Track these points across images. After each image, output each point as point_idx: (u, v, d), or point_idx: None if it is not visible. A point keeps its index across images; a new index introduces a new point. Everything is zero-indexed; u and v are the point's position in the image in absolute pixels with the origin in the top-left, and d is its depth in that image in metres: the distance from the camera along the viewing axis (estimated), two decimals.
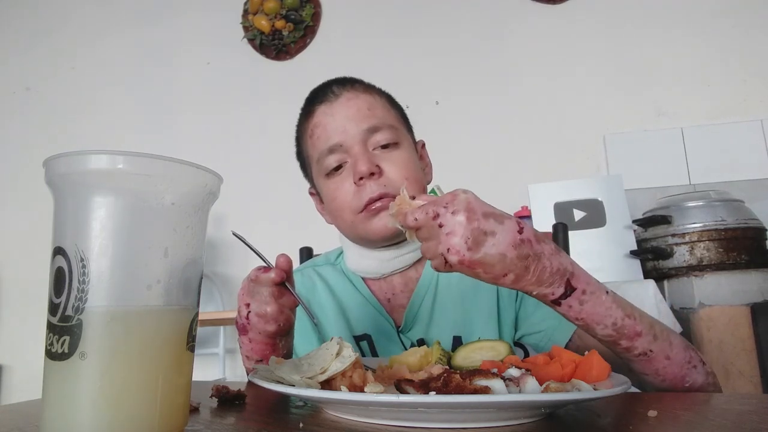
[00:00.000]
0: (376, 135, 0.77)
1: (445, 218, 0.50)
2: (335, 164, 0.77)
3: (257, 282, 0.61)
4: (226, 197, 0.52)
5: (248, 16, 2.62)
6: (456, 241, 0.49)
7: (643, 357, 0.57)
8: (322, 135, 0.78)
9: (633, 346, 0.56)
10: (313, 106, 0.80)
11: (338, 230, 0.84)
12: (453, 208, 0.50)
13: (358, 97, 0.79)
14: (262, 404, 0.56)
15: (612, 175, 2.08)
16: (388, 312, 0.83)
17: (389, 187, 0.75)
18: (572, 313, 0.54)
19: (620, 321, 0.54)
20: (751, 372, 1.53)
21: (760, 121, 2.14)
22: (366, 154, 0.75)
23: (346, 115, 0.77)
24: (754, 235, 1.70)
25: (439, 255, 0.51)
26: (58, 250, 0.38)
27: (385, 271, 0.81)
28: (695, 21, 2.27)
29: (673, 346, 0.59)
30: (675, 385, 0.59)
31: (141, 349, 0.37)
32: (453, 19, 2.49)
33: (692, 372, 0.60)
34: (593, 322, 0.54)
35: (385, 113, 0.80)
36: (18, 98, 2.84)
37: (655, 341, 0.57)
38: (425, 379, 0.47)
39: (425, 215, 0.51)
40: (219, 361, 2.31)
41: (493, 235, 0.49)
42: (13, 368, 2.59)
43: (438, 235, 0.50)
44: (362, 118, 0.77)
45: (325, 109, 0.78)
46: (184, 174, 0.40)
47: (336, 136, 0.76)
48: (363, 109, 0.77)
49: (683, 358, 0.59)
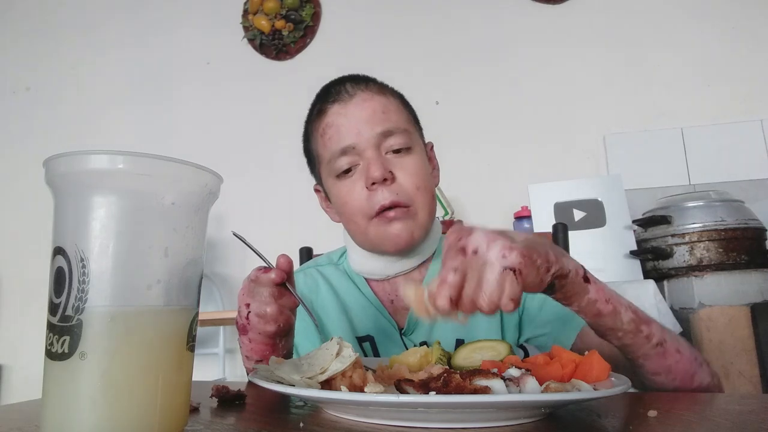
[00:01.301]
0: (390, 139, 0.76)
1: (470, 244, 0.47)
2: (347, 166, 0.76)
3: (257, 282, 0.61)
4: (226, 197, 0.51)
5: (248, 16, 2.62)
6: (501, 243, 0.46)
7: (660, 348, 0.57)
8: (334, 136, 0.77)
9: (651, 332, 0.56)
10: (326, 104, 0.79)
11: (347, 232, 0.84)
12: (463, 236, 0.48)
13: (373, 99, 0.77)
14: (262, 404, 0.56)
15: (612, 175, 2.08)
16: (391, 314, 0.82)
17: (401, 195, 0.74)
18: (600, 294, 0.54)
19: (633, 306, 0.56)
20: (751, 372, 1.53)
21: (760, 121, 2.14)
22: (379, 159, 0.74)
23: (360, 117, 0.76)
24: (754, 236, 1.70)
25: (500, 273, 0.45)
26: (58, 250, 0.38)
27: (390, 273, 0.81)
28: (695, 21, 2.27)
29: (680, 341, 0.60)
30: (685, 384, 0.59)
31: (141, 349, 0.37)
32: (453, 19, 2.49)
33: (700, 370, 0.60)
34: (617, 302, 0.55)
35: (399, 116, 0.79)
36: (18, 98, 2.84)
37: (665, 333, 0.58)
38: (425, 379, 0.47)
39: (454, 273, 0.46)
40: (219, 361, 2.31)
41: (507, 232, 0.50)
42: (13, 368, 2.59)
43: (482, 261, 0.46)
44: (377, 121, 0.76)
45: (339, 109, 0.77)
46: (184, 174, 0.40)
47: (349, 138, 0.75)
48: (378, 112, 0.76)
49: (691, 354, 0.60)
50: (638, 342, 0.57)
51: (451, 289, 0.46)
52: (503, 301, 0.45)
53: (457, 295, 0.46)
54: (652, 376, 0.60)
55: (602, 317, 0.55)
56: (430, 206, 0.78)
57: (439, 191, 2.15)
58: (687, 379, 0.59)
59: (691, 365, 0.59)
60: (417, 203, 0.76)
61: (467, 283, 0.46)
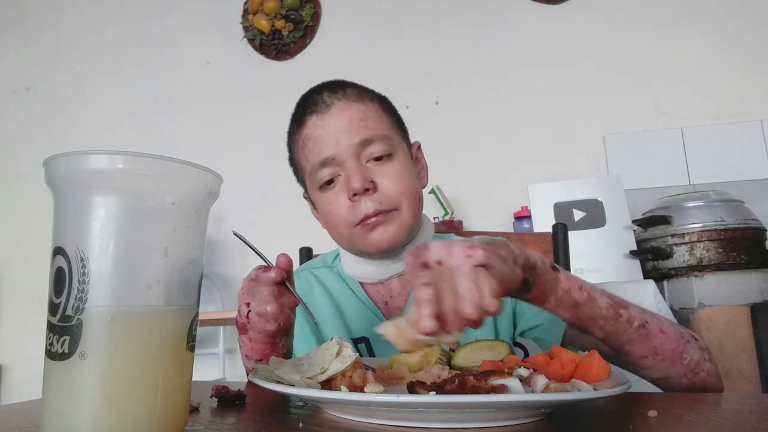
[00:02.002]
0: (369, 147, 0.76)
1: (430, 257, 0.46)
2: (328, 177, 0.77)
3: (257, 281, 0.61)
4: (226, 197, 0.51)
5: (248, 16, 2.62)
6: (460, 246, 0.46)
7: (643, 330, 0.58)
8: (314, 148, 0.77)
9: (631, 315, 0.57)
10: (305, 115, 0.79)
11: (334, 241, 0.84)
12: (421, 252, 0.47)
13: (351, 107, 0.77)
14: (262, 404, 0.56)
15: (612, 175, 2.08)
16: (385, 315, 0.83)
17: (384, 203, 0.74)
18: (572, 281, 0.56)
19: (607, 292, 0.57)
20: (751, 372, 1.53)
21: (760, 121, 2.14)
22: (359, 168, 0.74)
23: (337, 128, 0.75)
24: (754, 236, 1.70)
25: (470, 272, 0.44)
26: (58, 250, 0.38)
27: (383, 277, 0.82)
28: (695, 21, 2.27)
29: (662, 320, 0.60)
30: (675, 364, 0.59)
31: (141, 349, 0.37)
32: (453, 19, 2.49)
33: (688, 347, 0.60)
34: (591, 289, 0.56)
35: (379, 123, 0.78)
36: (18, 98, 2.84)
37: (645, 314, 0.59)
38: (439, 383, 0.45)
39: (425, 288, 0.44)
40: (219, 361, 2.31)
41: (462, 239, 0.50)
42: (13, 368, 2.59)
43: (449, 268, 0.45)
44: (355, 130, 0.75)
45: (317, 121, 0.77)
46: (184, 174, 0.40)
47: (328, 149, 0.75)
48: (355, 120, 0.76)
49: (675, 332, 0.60)
50: (620, 328, 0.57)
51: (431, 305, 0.43)
52: (485, 300, 0.43)
53: (438, 313, 0.43)
54: (639, 361, 0.60)
55: (580, 307, 0.55)
56: (415, 208, 0.78)
57: (439, 191, 2.15)
58: (675, 358, 0.59)
59: (678, 343, 0.59)
60: (401, 207, 0.76)
61: (444, 297, 0.44)
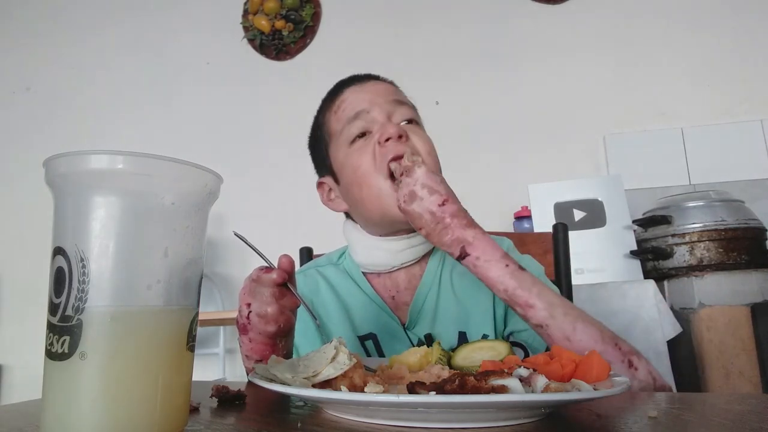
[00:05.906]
0: (402, 108, 0.81)
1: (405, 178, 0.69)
2: (359, 131, 0.78)
3: (259, 282, 0.61)
4: (226, 197, 0.51)
5: (248, 16, 2.63)
6: (399, 195, 0.69)
7: (540, 329, 0.64)
8: (348, 107, 0.81)
9: (527, 315, 0.64)
10: (341, 88, 0.84)
11: (355, 211, 0.83)
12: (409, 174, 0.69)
13: (385, 83, 0.85)
14: (262, 404, 0.56)
15: (612, 175, 2.08)
16: (392, 309, 0.83)
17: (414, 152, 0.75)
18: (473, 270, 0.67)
19: (511, 290, 0.64)
20: (751, 372, 1.53)
21: (760, 121, 2.15)
22: (393, 121, 0.79)
23: (373, 90, 0.82)
24: (754, 235, 1.70)
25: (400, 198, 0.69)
26: (58, 250, 0.38)
27: (395, 264, 0.81)
28: (695, 21, 2.27)
29: (577, 332, 0.62)
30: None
31: (141, 349, 0.37)
32: (453, 19, 2.49)
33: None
34: (489, 284, 0.66)
35: (408, 100, 0.86)
36: (18, 98, 2.84)
37: (553, 319, 0.62)
38: (439, 383, 0.46)
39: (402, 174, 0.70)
40: (219, 361, 2.31)
41: (420, 199, 0.67)
42: (13, 368, 2.59)
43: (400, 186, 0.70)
44: (390, 93, 0.82)
45: (354, 88, 0.83)
46: (184, 174, 0.40)
47: (364, 104, 0.79)
48: (390, 88, 0.84)
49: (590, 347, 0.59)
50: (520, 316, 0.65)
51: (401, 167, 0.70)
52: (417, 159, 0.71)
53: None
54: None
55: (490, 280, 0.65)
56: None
57: None
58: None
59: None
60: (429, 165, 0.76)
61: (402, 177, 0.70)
